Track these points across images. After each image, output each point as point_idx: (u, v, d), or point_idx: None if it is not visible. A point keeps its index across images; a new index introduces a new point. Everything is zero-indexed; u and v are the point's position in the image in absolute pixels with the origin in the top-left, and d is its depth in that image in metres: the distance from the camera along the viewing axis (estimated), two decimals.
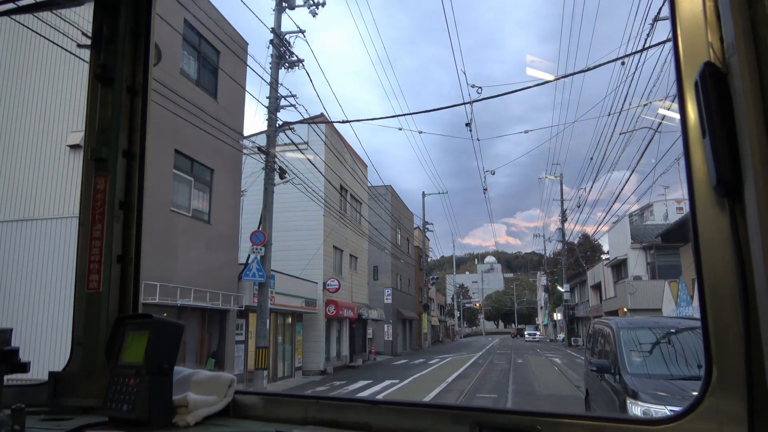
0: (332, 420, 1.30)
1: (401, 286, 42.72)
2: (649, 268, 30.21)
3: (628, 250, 31.46)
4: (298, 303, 21.51)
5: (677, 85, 1.01)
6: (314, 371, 23.46)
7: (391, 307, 37.69)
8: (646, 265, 30.59)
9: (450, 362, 28.63)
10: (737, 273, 0.88)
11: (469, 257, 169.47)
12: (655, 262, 29.91)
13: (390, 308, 37.38)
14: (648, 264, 30.54)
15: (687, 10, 1.00)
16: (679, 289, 16.82)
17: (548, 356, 33.35)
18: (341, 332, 27.76)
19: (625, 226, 32.55)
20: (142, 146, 1.62)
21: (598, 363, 7.03)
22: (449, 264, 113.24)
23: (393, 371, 23.75)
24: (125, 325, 1.36)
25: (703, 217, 0.96)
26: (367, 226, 32.13)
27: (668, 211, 44.22)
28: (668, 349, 6.36)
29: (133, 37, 1.63)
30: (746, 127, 0.83)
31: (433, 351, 43.65)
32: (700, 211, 0.96)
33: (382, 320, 35.94)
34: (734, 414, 0.91)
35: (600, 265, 39.36)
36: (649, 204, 50.05)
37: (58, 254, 11.84)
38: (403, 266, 43.29)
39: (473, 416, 1.16)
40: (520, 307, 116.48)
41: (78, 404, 1.48)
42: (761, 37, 0.84)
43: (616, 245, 34.45)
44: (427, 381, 19.24)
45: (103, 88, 1.61)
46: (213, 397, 1.37)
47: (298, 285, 21.66)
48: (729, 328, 0.91)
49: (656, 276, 28.90)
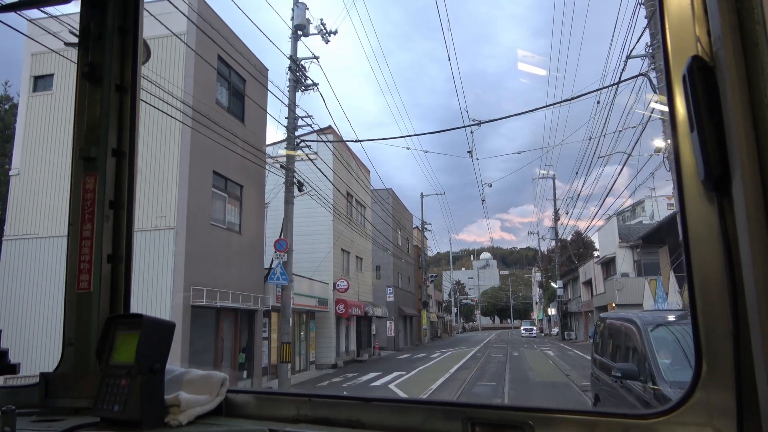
0: (325, 418, 1.30)
1: (402, 284, 44.68)
2: (636, 266, 32.31)
3: (616, 248, 33.53)
4: (312, 302, 23.47)
5: (665, 80, 1.01)
6: (326, 365, 25.42)
7: (393, 304, 39.67)
8: (633, 262, 32.67)
9: (450, 356, 30.65)
10: (726, 267, 0.88)
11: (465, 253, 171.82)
12: (641, 260, 32.02)
13: (392, 306, 39.36)
14: (635, 262, 32.62)
15: (674, 3, 1.00)
16: (656, 287, 18.83)
17: (542, 349, 35.43)
18: (349, 329, 29.77)
19: (613, 225, 34.64)
20: (131, 145, 1.61)
21: (625, 368, 5.81)
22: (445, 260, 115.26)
23: (398, 364, 25.72)
24: (116, 325, 1.35)
25: (692, 211, 0.96)
26: (371, 229, 34.09)
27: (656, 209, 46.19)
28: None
29: (121, 34, 1.62)
30: (734, 120, 0.83)
31: (433, 346, 45.69)
32: (689, 206, 0.96)
33: (386, 317, 37.91)
34: (723, 407, 0.91)
35: (591, 263, 41.44)
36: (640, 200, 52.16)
37: None
38: (404, 265, 45.27)
39: (465, 412, 1.16)
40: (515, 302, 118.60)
41: (69, 405, 1.46)
42: (748, 31, 0.83)
43: (605, 244, 36.53)
44: (432, 372, 21.21)
45: (91, 87, 1.60)
46: (205, 396, 1.36)
47: (311, 286, 23.62)
48: (718, 322, 0.92)
49: (642, 273, 30.99)
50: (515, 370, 21.58)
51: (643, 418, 1.03)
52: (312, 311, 24.67)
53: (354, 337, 30.53)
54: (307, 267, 24.92)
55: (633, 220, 52.34)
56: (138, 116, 1.61)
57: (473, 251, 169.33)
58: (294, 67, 19.43)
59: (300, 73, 19.56)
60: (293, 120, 19.27)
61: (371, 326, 34.98)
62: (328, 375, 22.11)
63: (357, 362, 28.50)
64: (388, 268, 40.57)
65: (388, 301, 38.94)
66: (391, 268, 40.68)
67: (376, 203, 35.82)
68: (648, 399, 5.28)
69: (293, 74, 19.45)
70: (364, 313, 30.82)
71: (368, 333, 34.46)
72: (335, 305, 26.55)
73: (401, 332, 43.75)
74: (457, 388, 15.70)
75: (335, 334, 26.81)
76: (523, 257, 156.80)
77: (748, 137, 0.82)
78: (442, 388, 15.98)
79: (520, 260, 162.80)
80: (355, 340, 30.64)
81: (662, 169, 14.64)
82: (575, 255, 47.76)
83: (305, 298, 22.53)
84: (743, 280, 0.84)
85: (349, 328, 29.82)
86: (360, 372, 22.37)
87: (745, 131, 0.82)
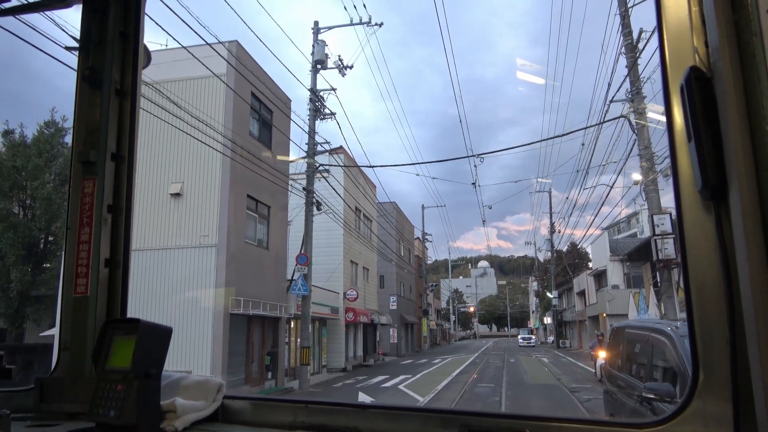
0: (321, 425, 1.30)
1: (404, 293, 46.68)
2: (625, 278, 34.42)
3: (607, 261, 35.62)
4: (325, 311, 25.49)
5: (663, 90, 1.02)
6: (337, 369, 27.38)
7: (396, 312, 41.66)
8: (623, 275, 34.76)
9: (451, 361, 32.62)
10: (722, 276, 0.88)
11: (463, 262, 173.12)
12: (630, 273, 34.14)
13: (395, 313, 41.36)
14: (624, 274, 34.72)
15: (673, 15, 1.01)
16: (639, 299, 20.93)
17: (537, 356, 37.44)
18: (357, 335, 31.80)
19: (605, 240, 36.77)
20: (130, 149, 1.60)
21: (660, 388, 5.09)
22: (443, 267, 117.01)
23: (403, 369, 27.65)
24: (113, 330, 1.34)
25: (689, 220, 0.96)
26: (377, 241, 36.16)
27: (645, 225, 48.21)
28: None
29: (122, 39, 1.62)
30: (731, 130, 0.83)
31: (433, 352, 47.64)
32: (686, 215, 0.97)
33: (389, 324, 39.89)
34: (720, 416, 0.91)
35: (584, 274, 43.52)
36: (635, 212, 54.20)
37: (162, 277, 15.75)
38: (406, 275, 47.29)
39: (462, 420, 1.16)
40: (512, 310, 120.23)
41: (65, 410, 1.45)
42: (745, 42, 0.84)
43: (598, 257, 38.62)
44: (435, 375, 23.16)
45: (91, 91, 1.60)
46: (201, 402, 1.36)
47: (325, 295, 25.64)
48: (715, 331, 0.92)
49: (631, 285, 33.08)
50: (512, 374, 23.58)
51: (640, 428, 1.03)
52: (324, 318, 26.65)
53: (361, 343, 32.57)
54: (319, 277, 26.92)
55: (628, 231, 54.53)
56: (138, 121, 1.62)
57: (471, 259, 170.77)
58: (314, 98, 21.57)
59: (319, 104, 21.71)
60: (313, 146, 21.38)
61: (376, 333, 37.00)
62: (339, 378, 24.06)
63: (364, 366, 30.44)
64: (391, 277, 42.57)
65: (391, 309, 40.92)
66: (394, 277, 42.69)
67: (382, 216, 37.91)
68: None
69: (313, 104, 21.58)
70: (370, 320, 32.88)
71: (373, 339, 36.48)
72: (345, 313, 28.57)
73: (403, 339, 45.68)
74: (459, 389, 17.67)
75: (344, 340, 28.82)
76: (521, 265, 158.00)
77: (745, 147, 0.82)
78: (446, 388, 17.94)
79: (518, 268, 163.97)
80: (362, 346, 32.67)
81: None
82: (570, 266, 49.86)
83: (319, 307, 24.53)
84: (740, 288, 0.85)
85: (356, 334, 31.84)
86: (369, 375, 24.29)
87: (743, 141, 0.82)
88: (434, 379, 21.19)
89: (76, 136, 1.59)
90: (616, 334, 7.69)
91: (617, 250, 35.37)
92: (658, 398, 4.97)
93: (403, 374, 24.03)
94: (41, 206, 20.57)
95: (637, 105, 15.46)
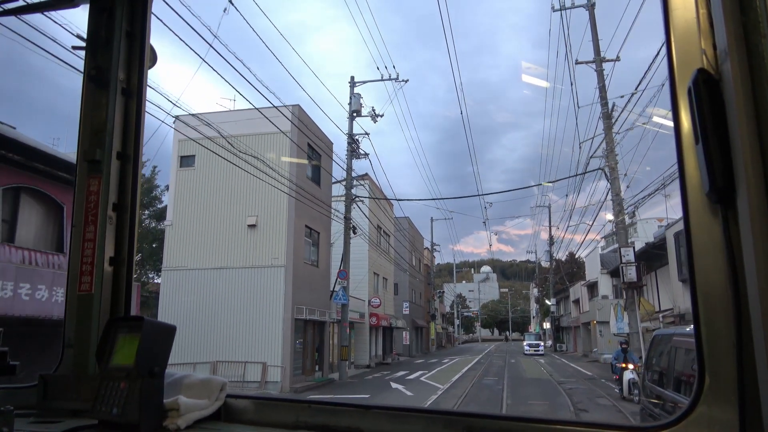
0: (324, 425, 1.30)
1: (414, 299, 51.27)
2: (614, 290, 38.95)
3: (598, 274, 40.15)
4: (355, 316, 30.14)
5: (670, 92, 1.01)
6: (362, 366, 31.99)
7: (408, 317, 46.26)
8: (612, 287, 39.29)
9: (459, 361, 37.16)
10: (730, 280, 0.88)
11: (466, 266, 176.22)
12: (617, 285, 38.66)
13: (407, 318, 45.97)
14: (613, 286, 39.25)
15: (680, 17, 1.00)
16: (617, 310, 25.51)
17: (535, 358, 41.97)
18: (377, 337, 36.47)
19: (596, 255, 41.32)
20: (136, 148, 1.61)
21: None
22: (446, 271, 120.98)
23: (418, 366, 32.13)
24: (117, 328, 1.35)
25: (696, 223, 0.95)
26: (393, 254, 40.82)
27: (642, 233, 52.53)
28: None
29: (128, 39, 1.64)
30: (739, 133, 0.83)
31: (441, 354, 52.21)
32: (693, 218, 0.96)
33: (403, 328, 44.51)
34: (726, 421, 0.90)
35: (579, 285, 48.04)
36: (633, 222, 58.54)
37: (244, 290, 20.38)
38: (416, 282, 51.92)
39: (465, 421, 1.16)
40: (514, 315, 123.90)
41: (68, 407, 1.45)
42: (753, 44, 0.83)
43: (591, 270, 43.18)
44: (448, 372, 27.63)
45: (97, 90, 1.61)
46: (204, 400, 1.37)
47: (354, 303, 30.28)
48: (721, 335, 0.91)
49: (618, 296, 37.64)
50: (512, 371, 28.13)
51: (644, 431, 0.92)
52: (353, 322, 31.27)
53: (381, 343, 37.25)
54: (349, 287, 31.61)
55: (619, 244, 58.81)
56: (143, 120, 1.62)
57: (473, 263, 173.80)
58: (351, 141, 26.24)
59: (355, 145, 26.38)
60: (351, 181, 26.05)
61: (392, 335, 41.68)
62: (367, 372, 28.58)
63: (384, 364, 35.05)
64: (404, 285, 47.14)
65: (404, 313, 45.51)
66: (407, 285, 47.29)
67: (398, 231, 42.57)
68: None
69: (350, 147, 26.25)
70: (389, 324, 37.56)
71: (390, 341, 41.14)
72: (369, 318, 33.23)
73: (414, 341, 50.28)
74: (470, 380, 22.19)
75: (369, 340, 33.50)
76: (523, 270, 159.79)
77: (753, 150, 0.81)
78: (460, 380, 22.47)
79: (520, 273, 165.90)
80: (381, 347, 37.36)
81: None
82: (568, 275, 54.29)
83: (351, 312, 29.16)
84: (747, 292, 0.84)
85: (377, 336, 36.52)
86: (391, 371, 28.79)
87: (750, 144, 0.81)
88: (448, 374, 25.68)
89: (82, 134, 1.61)
90: (662, 344, 6.81)
91: (607, 264, 39.92)
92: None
93: (421, 370, 28.44)
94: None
95: (611, 162, 20.00)
